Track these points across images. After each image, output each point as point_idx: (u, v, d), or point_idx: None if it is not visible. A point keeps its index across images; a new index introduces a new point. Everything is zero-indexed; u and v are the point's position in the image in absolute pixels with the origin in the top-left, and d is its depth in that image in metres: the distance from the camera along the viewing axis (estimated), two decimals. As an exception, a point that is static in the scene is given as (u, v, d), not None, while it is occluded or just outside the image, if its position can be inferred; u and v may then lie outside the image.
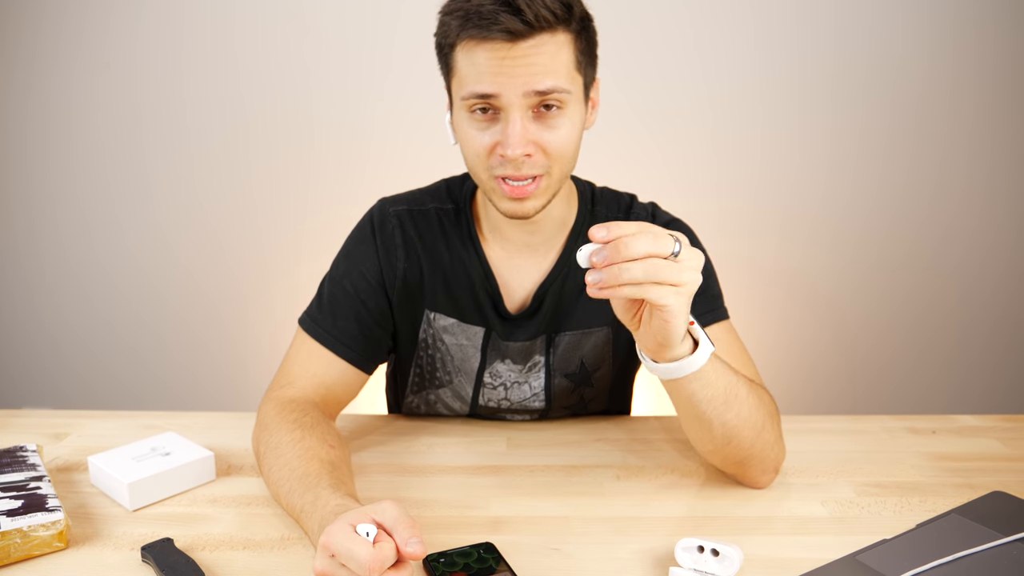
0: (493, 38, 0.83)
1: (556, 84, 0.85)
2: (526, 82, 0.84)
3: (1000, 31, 2.08)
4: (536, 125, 0.87)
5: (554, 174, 0.90)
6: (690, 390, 0.81)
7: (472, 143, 0.89)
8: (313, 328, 1.01)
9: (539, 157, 0.88)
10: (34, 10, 2.14)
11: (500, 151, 0.87)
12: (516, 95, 0.84)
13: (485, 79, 0.84)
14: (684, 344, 0.78)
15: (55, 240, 2.32)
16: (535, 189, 0.90)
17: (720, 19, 2.09)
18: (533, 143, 0.87)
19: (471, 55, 0.85)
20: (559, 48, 0.85)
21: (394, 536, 0.66)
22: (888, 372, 2.34)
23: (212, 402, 2.34)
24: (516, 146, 0.85)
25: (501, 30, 0.82)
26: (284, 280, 2.29)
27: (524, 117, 0.86)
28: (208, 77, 2.17)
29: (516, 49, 0.83)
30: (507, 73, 0.84)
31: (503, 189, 0.90)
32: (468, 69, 0.86)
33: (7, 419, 1.13)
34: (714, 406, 0.82)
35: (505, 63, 0.83)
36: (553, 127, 0.87)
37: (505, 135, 0.86)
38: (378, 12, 2.11)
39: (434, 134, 1.96)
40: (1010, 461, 1.00)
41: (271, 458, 0.87)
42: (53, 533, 0.79)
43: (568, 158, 0.91)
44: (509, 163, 0.87)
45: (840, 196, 2.21)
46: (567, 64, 0.86)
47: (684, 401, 0.83)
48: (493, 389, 1.08)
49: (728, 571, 0.73)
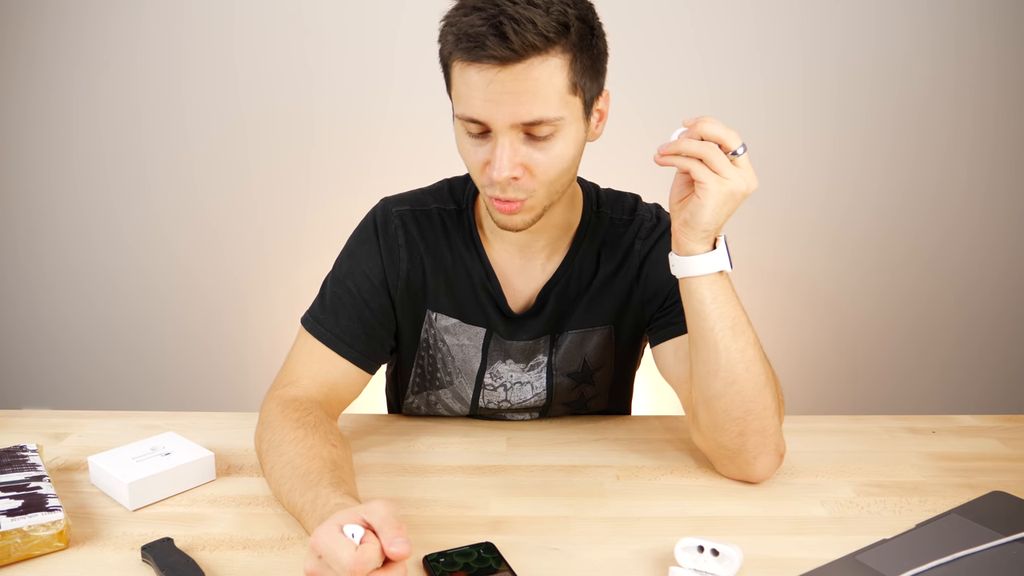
0: (482, 62, 0.81)
1: (544, 114, 0.83)
2: (514, 112, 0.83)
3: (1002, 38, 2.08)
4: (527, 147, 0.86)
5: (539, 195, 0.90)
6: (700, 295, 0.88)
7: (469, 157, 0.90)
8: (316, 328, 1.01)
9: (526, 180, 0.88)
10: (34, 11, 2.14)
11: (489, 171, 0.87)
12: (504, 124, 0.84)
13: (475, 105, 0.84)
14: (704, 243, 0.87)
15: (55, 240, 2.32)
16: (520, 207, 0.90)
17: (722, 21, 2.09)
18: (521, 165, 0.87)
19: (464, 75, 0.84)
20: (551, 73, 0.83)
21: (380, 537, 0.66)
22: (888, 372, 2.34)
23: (212, 402, 2.34)
24: (503, 170, 0.85)
25: (488, 56, 0.81)
26: (284, 280, 2.29)
27: (514, 140, 0.85)
28: (208, 78, 2.17)
29: (505, 73, 0.81)
30: (495, 101, 0.82)
31: (495, 204, 0.91)
32: (462, 89, 0.85)
33: (7, 419, 1.13)
34: (722, 326, 0.87)
35: (493, 89, 0.82)
36: (544, 148, 0.87)
37: (493, 158, 0.86)
38: (378, 12, 2.11)
39: (433, 133, 1.96)
40: (1010, 461, 1.00)
41: (273, 456, 0.87)
42: (53, 533, 0.79)
43: (555, 178, 0.90)
44: (496, 184, 0.88)
45: (841, 199, 2.21)
46: (559, 89, 0.84)
47: (695, 312, 0.89)
48: (493, 391, 1.08)
49: (728, 571, 0.73)
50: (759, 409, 0.89)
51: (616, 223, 1.06)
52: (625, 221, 1.06)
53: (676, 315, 1.01)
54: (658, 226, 1.05)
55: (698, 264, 0.88)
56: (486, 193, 0.91)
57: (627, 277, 1.05)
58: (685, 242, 0.88)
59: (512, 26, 0.79)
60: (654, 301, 1.04)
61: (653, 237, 1.05)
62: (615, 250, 1.05)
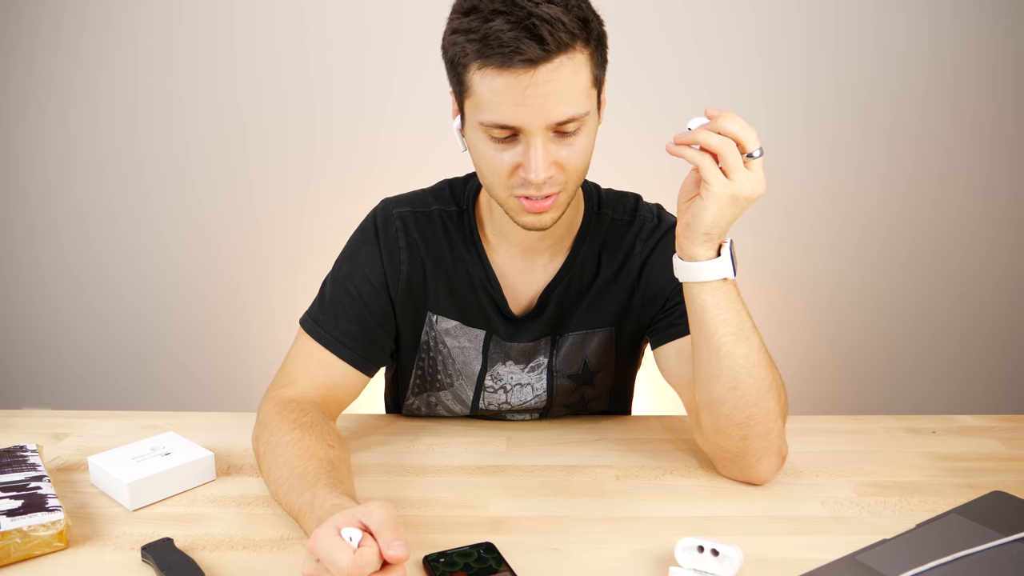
0: (515, 67, 0.80)
1: (575, 112, 0.84)
2: (548, 114, 0.82)
3: (1000, 35, 2.08)
4: (556, 145, 0.86)
5: (570, 188, 0.90)
6: (703, 301, 0.86)
7: (491, 162, 0.88)
8: (314, 329, 1.00)
9: (558, 175, 0.88)
10: (33, 10, 2.14)
11: (523, 174, 0.86)
12: (538, 127, 0.83)
13: (507, 111, 0.82)
14: (707, 248, 0.85)
15: (55, 240, 2.32)
16: (552, 203, 0.89)
17: (722, 20, 2.09)
18: (554, 164, 0.87)
19: (489, 82, 0.82)
20: (577, 69, 0.83)
21: (377, 539, 0.65)
22: (888, 372, 2.34)
23: (212, 402, 2.34)
24: (540, 172, 0.85)
25: (523, 60, 0.79)
26: (284, 280, 2.29)
27: (546, 140, 0.85)
28: (207, 78, 2.17)
29: (536, 75, 0.80)
30: (529, 105, 0.82)
31: (524, 205, 0.89)
32: (487, 96, 0.83)
33: (7, 419, 1.13)
34: (725, 331, 0.86)
35: (528, 93, 0.81)
36: (571, 144, 0.87)
37: (527, 160, 0.85)
38: (377, 12, 2.11)
39: (432, 134, 1.96)
40: (1010, 461, 1.00)
41: (270, 457, 0.87)
42: (53, 533, 0.79)
43: (582, 170, 0.90)
44: (531, 185, 0.87)
45: (841, 198, 2.21)
46: (585, 84, 0.84)
47: (698, 317, 0.87)
48: (493, 392, 1.08)
49: (728, 571, 0.73)
50: (762, 414, 0.88)
51: (617, 224, 1.05)
52: (626, 222, 1.06)
53: (678, 317, 1.00)
54: (659, 227, 1.05)
55: (701, 270, 0.86)
56: (514, 194, 0.89)
57: (628, 279, 1.05)
58: (688, 246, 0.86)
59: (546, 27, 0.79)
60: (655, 303, 1.04)
61: (654, 238, 1.04)
62: (616, 251, 1.05)
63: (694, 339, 0.90)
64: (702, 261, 0.86)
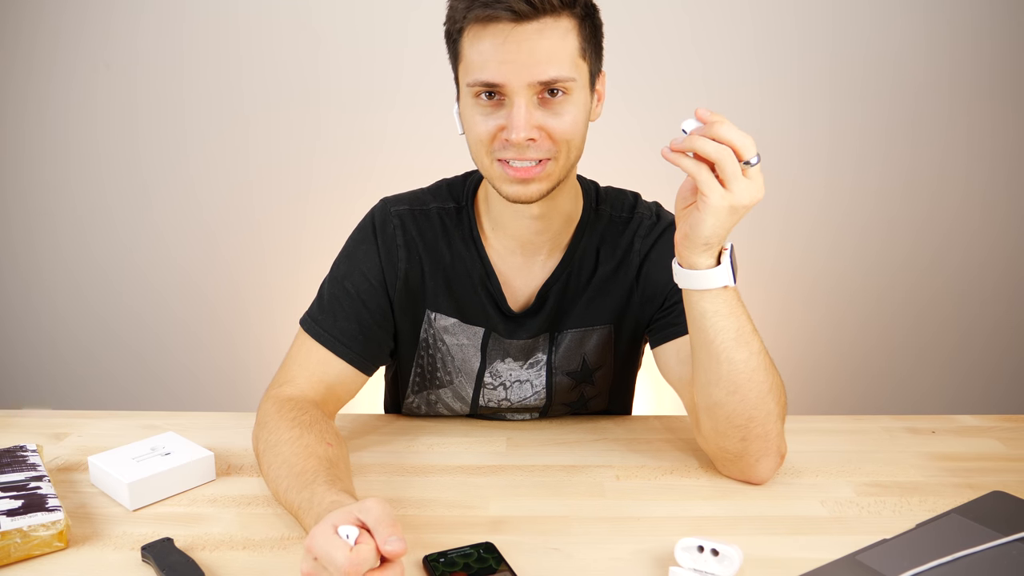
0: (498, 17, 0.84)
1: (560, 73, 0.86)
2: (531, 72, 0.85)
3: (997, 31, 2.08)
4: (541, 111, 0.88)
5: (560, 160, 0.91)
6: (701, 308, 0.86)
7: (476, 128, 0.90)
8: (313, 328, 1.01)
9: (545, 142, 0.89)
10: (33, 10, 2.14)
11: (504, 135, 0.88)
12: (521, 85, 0.85)
13: (490, 67, 0.85)
14: (707, 257, 0.84)
15: (55, 240, 2.31)
16: (540, 172, 0.90)
17: (719, 19, 2.09)
18: (538, 128, 0.88)
19: (476, 41, 0.86)
20: (563, 34, 0.86)
21: (374, 536, 0.66)
22: (888, 372, 2.34)
23: (212, 402, 2.34)
24: (520, 130, 0.86)
25: (505, 8, 0.83)
26: (284, 280, 2.29)
27: (529, 103, 0.87)
28: (207, 78, 2.17)
29: (520, 32, 0.84)
30: (511, 61, 0.84)
31: (507, 172, 0.90)
32: (474, 56, 0.87)
33: (7, 419, 1.13)
34: (724, 337, 0.86)
35: (509, 48, 0.84)
36: (559, 113, 0.88)
37: (509, 120, 0.87)
38: (386, 11, 2.11)
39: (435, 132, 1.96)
40: (1010, 461, 1.00)
41: (270, 456, 0.87)
42: (53, 533, 0.79)
43: (575, 144, 0.91)
44: (513, 147, 0.88)
45: (840, 197, 2.20)
46: (571, 51, 0.87)
47: (697, 323, 0.87)
48: (493, 389, 1.08)
49: (728, 571, 0.73)
50: (761, 416, 0.88)
51: (616, 220, 1.05)
52: (625, 219, 1.06)
53: (677, 316, 1.00)
54: (657, 225, 1.05)
55: (700, 279, 0.85)
56: (497, 159, 0.90)
57: (627, 276, 1.05)
58: (687, 255, 0.85)
59: None
60: (654, 302, 1.04)
61: (652, 236, 1.04)
62: (614, 248, 1.05)
63: (693, 344, 0.90)
64: (702, 270, 0.85)
